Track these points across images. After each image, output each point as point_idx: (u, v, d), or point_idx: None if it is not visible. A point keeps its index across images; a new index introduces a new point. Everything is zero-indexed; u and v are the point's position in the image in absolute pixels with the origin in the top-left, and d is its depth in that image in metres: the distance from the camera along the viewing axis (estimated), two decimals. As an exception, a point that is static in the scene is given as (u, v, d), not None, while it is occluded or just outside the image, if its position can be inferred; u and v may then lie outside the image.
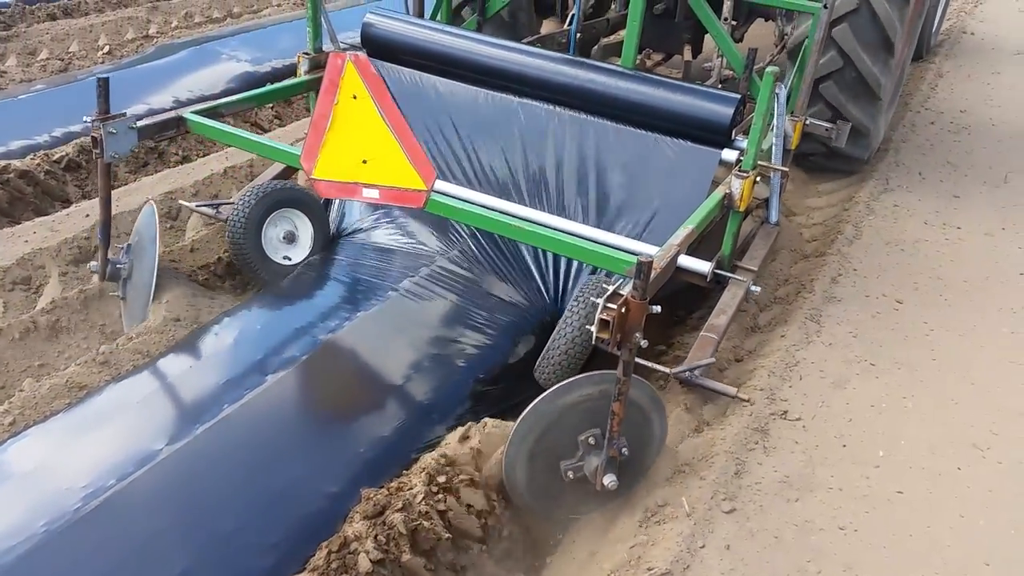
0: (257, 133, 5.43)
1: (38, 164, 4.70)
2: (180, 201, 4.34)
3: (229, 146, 4.18)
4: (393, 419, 2.87)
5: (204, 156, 5.26)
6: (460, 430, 2.72)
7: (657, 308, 2.33)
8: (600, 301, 2.27)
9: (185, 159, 5.32)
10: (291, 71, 6.48)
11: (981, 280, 4.07)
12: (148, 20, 7.72)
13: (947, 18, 8.74)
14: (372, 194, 2.84)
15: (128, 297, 3.56)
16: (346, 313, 3.29)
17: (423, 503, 2.42)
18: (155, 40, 7.24)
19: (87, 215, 4.18)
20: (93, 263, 3.56)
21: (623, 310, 2.25)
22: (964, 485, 2.77)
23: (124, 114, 3.33)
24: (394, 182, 2.79)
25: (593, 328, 2.29)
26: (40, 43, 6.97)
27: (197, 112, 3.59)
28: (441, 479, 2.49)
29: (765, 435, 2.91)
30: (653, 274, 2.33)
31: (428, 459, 2.57)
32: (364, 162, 2.78)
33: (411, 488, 2.46)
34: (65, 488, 2.37)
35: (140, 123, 3.38)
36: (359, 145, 2.76)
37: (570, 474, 2.55)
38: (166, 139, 4.93)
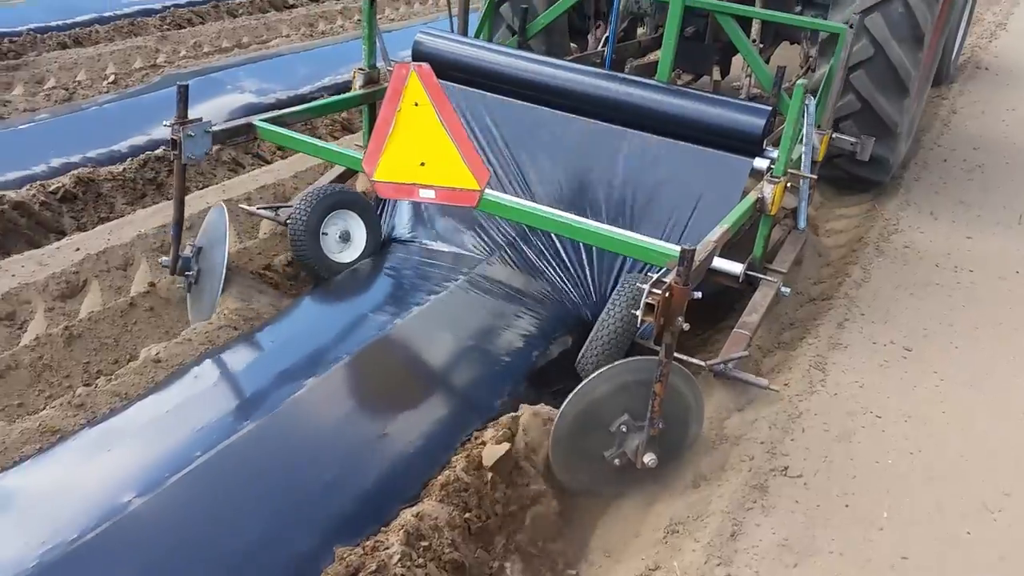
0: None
1: (33, 195, 4.65)
2: (241, 205, 4.50)
3: (296, 151, 4.48)
4: (437, 411, 3.07)
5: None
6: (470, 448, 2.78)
7: (698, 294, 2.52)
8: (646, 287, 2.47)
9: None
10: (296, 101, 6.52)
11: (994, 327, 3.93)
12: (157, 49, 7.73)
13: (962, 52, 8.66)
14: (428, 194, 3.03)
15: (195, 293, 3.74)
16: (392, 312, 3.51)
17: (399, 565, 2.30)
18: (163, 69, 7.24)
19: (77, 248, 4.13)
20: (165, 258, 3.77)
21: (667, 295, 2.45)
22: (974, 551, 2.62)
23: (201, 119, 3.54)
24: (450, 182, 2.99)
25: (639, 312, 2.47)
26: (48, 72, 6.99)
27: (265, 119, 3.87)
28: (423, 543, 2.37)
29: (764, 493, 2.77)
30: (695, 262, 2.49)
31: (407, 516, 2.46)
32: (422, 164, 2.98)
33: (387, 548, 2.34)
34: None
35: (215, 128, 3.61)
36: (418, 149, 2.96)
37: (616, 460, 2.73)
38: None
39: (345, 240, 4.01)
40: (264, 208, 4.26)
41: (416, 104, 2.89)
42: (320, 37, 8.44)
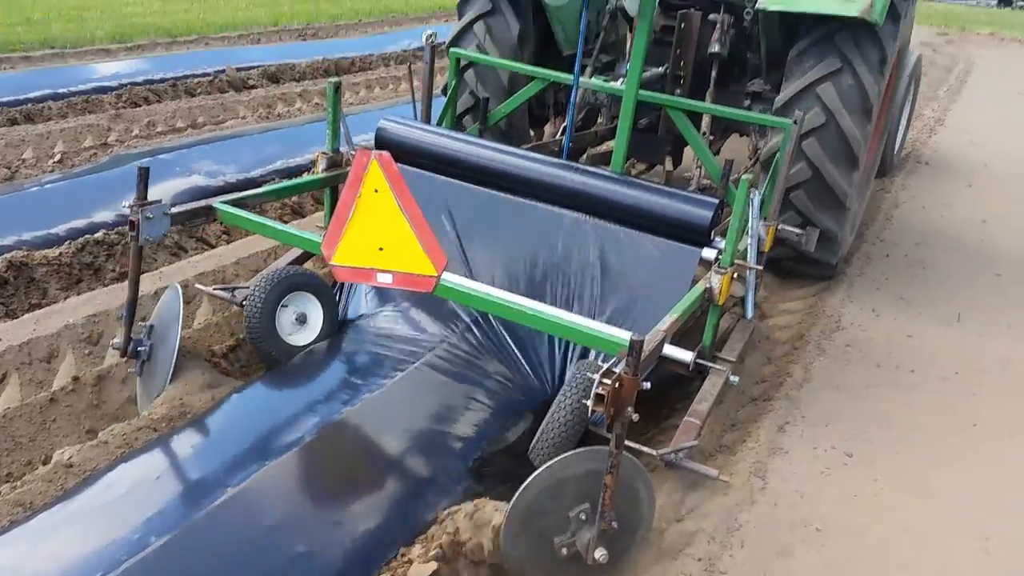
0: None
1: (-42, 281, 4.51)
2: (197, 285, 4.45)
3: (255, 233, 4.40)
4: (389, 502, 3.01)
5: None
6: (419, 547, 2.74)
7: (647, 384, 2.52)
8: (596, 377, 2.49)
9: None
10: (247, 185, 6.47)
11: (936, 431, 3.93)
12: (109, 128, 7.68)
13: (904, 146, 9.00)
14: (386, 279, 3.09)
15: (145, 376, 3.68)
16: (347, 397, 3.48)
17: None
18: (112, 149, 7.18)
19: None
20: (116, 340, 3.68)
21: (617, 385, 2.46)
22: None
23: (160, 200, 3.57)
24: (407, 268, 3.06)
25: (589, 402, 2.49)
26: (-7, 148, 6.89)
27: (226, 202, 3.87)
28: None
29: (700, 615, 2.67)
30: (644, 353, 2.52)
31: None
32: (380, 249, 3.04)
33: None
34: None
35: (174, 210, 3.63)
36: (377, 234, 3.03)
37: (564, 550, 2.64)
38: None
39: (301, 322, 3.99)
40: (220, 288, 4.25)
41: (376, 191, 2.98)
42: (277, 119, 8.46)
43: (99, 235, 5.22)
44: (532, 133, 6.37)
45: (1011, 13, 28.03)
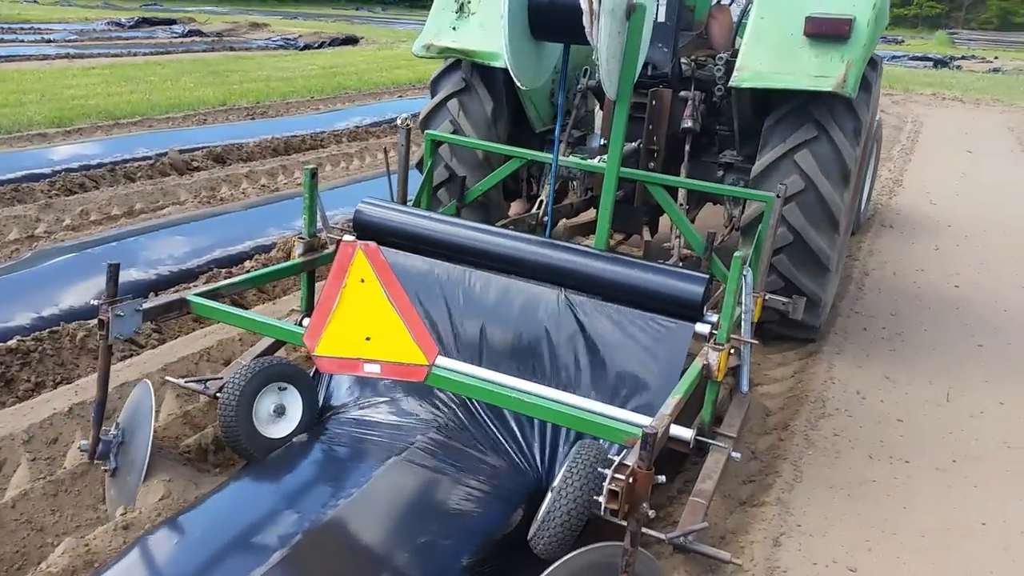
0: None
1: None
2: (167, 377, 4.24)
3: (231, 325, 4.23)
4: None
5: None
6: None
7: (662, 478, 2.42)
8: (608, 472, 2.35)
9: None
10: (186, 277, 6.02)
11: (942, 535, 3.56)
12: (37, 219, 7.19)
13: (869, 205, 8.94)
14: (374, 368, 3.03)
15: (117, 478, 3.51)
16: (333, 493, 3.31)
17: None
18: (39, 242, 6.70)
19: None
20: (83, 442, 3.54)
21: (631, 480, 2.32)
22: None
23: (131, 296, 3.49)
24: (396, 357, 3.00)
25: (601, 499, 2.36)
26: (-95, 246, 6.37)
27: (199, 295, 3.78)
28: None
29: None
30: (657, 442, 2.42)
31: None
32: (367, 339, 2.98)
33: None
34: None
35: (145, 305, 3.55)
36: (364, 324, 2.99)
37: None
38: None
39: (279, 414, 3.80)
40: (192, 380, 4.06)
41: (362, 280, 2.95)
42: (219, 203, 8.05)
43: (12, 343, 4.71)
44: (506, 204, 6.42)
45: (949, 73, 28.98)
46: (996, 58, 38.14)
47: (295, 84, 17.04)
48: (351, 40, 31.13)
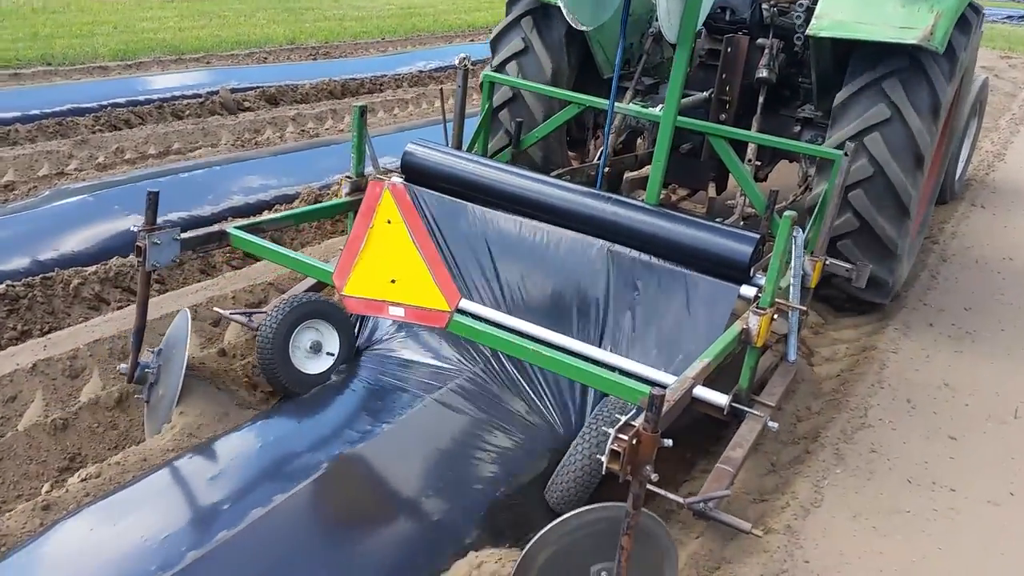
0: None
1: None
2: (215, 308, 4.39)
3: (269, 260, 4.15)
4: (405, 541, 2.89)
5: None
6: None
7: (669, 442, 2.31)
8: (611, 431, 2.29)
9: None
10: (193, 225, 5.77)
11: (981, 587, 3.00)
12: (71, 155, 7.08)
13: (966, 175, 8.18)
14: (398, 312, 3.08)
15: (152, 401, 3.61)
16: (364, 429, 3.38)
17: None
18: (69, 178, 6.58)
19: None
20: (123, 365, 3.63)
21: (634, 442, 2.26)
22: None
23: (170, 225, 3.50)
24: (419, 302, 3.03)
25: (603, 458, 2.31)
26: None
27: (240, 227, 3.81)
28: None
29: None
30: (665, 407, 2.35)
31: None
32: (393, 281, 3.04)
33: None
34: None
35: (184, 235, 3.55)
36: (389, 266, 3.03)
37: None
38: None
39: (316, 351, 3.86)
40: (238, 312, 4.15)
41: (389, 222, 3.01)
42: (254, 148, 7.79)
43: (1, 288, 4.54)
44: (572, 154, 6.24)
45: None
46: None
47: (368, 24, 16.68)
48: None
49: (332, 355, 3.86)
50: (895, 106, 4.49)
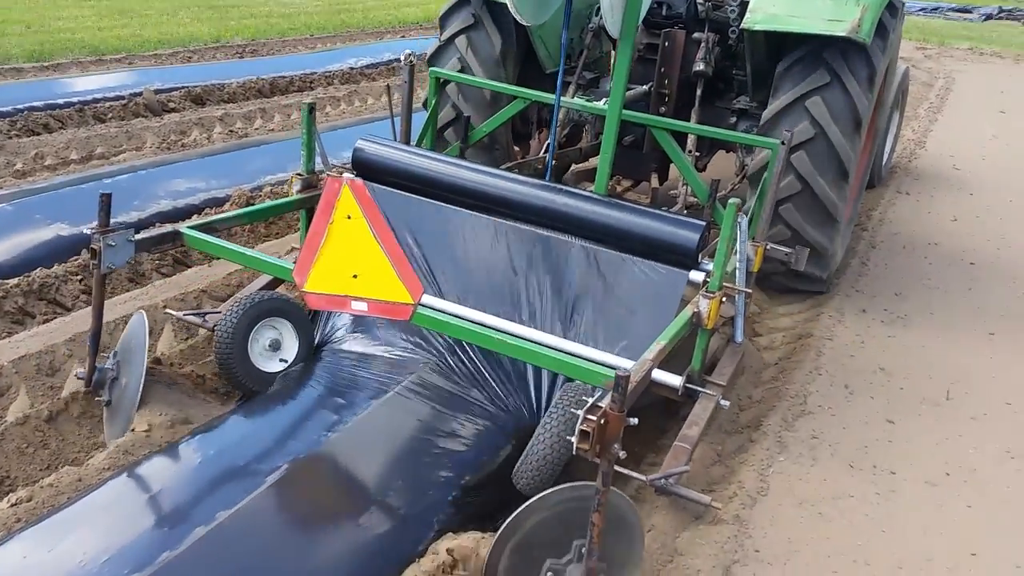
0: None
1: None
2: (167, 310, 4.31)
3: (225, 259, 4.15)
4: (373, 532, 2.91)
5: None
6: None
7: (634, 420, 2.44)
8: (580, 413, 2.41)
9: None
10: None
11: (921, 565, 3.09)
12: (-14, 162, 6.75)
13: (891, 162, 8.47)
14: (361, 307, 3.11)
15: (113, 406, 3.57)
16: (329, 423, 3.41)
17: None
18: (-16, 187, 6.26)
19: None
20: (80, 370, 3.64)
21: (602, 422, 2.38)
22: None
23: (123, 226, 3.49)
24: (382, 296, 3.07)
25: (573, 439, 2.41)
26: None
27: (193, 227, 3.80)
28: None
29: None
30: (630, 387, 2.44)
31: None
32: (354, 276, 3.05)
33: None
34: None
35: (138, 236, 3.55)
36: (350, 261, 3.04)
37: None
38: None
39: (275, 348, 3.87)
40: (191, 313, 4.15)
41: (349, 217, 3.02)
42: (181, 150, 7.54)
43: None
44: (517, 149, 6.29)
45: (989, 26, 27.51)
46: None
47: (296, 21, 16.33)
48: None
49: (291, 352, 3.88)
50: (835, 72, 4.69)
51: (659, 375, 3.10)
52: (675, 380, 3.14)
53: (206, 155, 6.96)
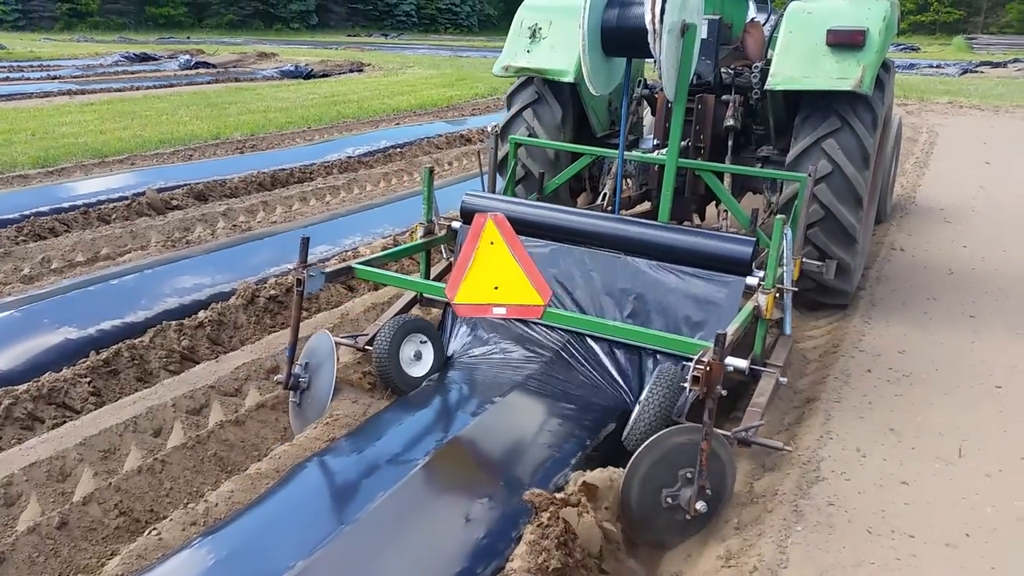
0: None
1: None
2: (322, 331, 4.94)
3: (389, 284, 5.62)
4: (525, 475, 3.76)
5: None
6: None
7: (724, 391, 3.43)
8: (691, 364, 3.30)
9: None
10: (128, 333, 5.56)
11: (949, 633, 3.04)
12: (-8, 269, 6.86)
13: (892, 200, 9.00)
14: (501, 311, 3.87)
15: (303, 405, 4.52)
16: (464, 416, 4.29)
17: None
18: (-7, 294, 6.35)
19: None
20: (279, 375, 4.60)
21: (708, 368, 3.27)
22: None
23: (316, 263, 4.57)
24: (518, 300, 3.83)
25: (686, 384, 3.31)
26: None
27: (361, 263, 4.97)
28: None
29: None
30: (727, 342, 3.44)
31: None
32: (495, 288, 3.82)
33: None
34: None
35: (327, 270, 4.58)
36: (492, 276, 3.82)
37: (668, 500, 3.48)
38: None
39: (417, 359, 4.84)
40: (345, 337, 5.01)
41: (492, 243, 3.81)
42: (185, 247, 7.68)
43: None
44: (575, 202, 7.42)
45: (967, 80, 28.21)
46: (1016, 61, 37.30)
47: (293, 115, 16.78)
48: (358, 68, 31.01)
49: (429, 361, 4.83)
50: (844, 118, 5.73)
51: (730, 360, 3.83)
52: (742, 363, 3.93)
53: (210, 251, 7.07)
